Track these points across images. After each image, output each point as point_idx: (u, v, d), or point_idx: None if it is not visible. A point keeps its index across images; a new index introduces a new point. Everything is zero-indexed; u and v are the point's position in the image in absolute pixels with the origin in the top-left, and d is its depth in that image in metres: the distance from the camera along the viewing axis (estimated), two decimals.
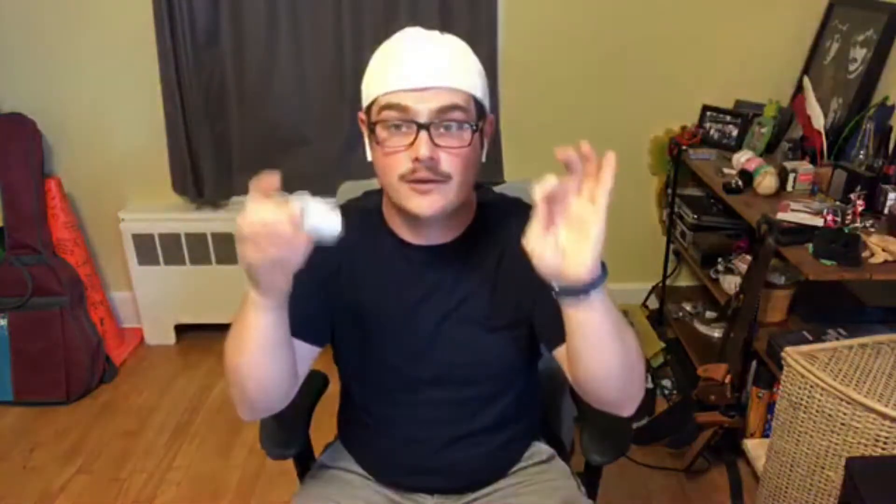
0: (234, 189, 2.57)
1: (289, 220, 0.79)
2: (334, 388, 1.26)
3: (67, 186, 2.54)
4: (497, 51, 2.38)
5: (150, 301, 2.67)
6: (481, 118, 0.97)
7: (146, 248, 2.57)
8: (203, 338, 2.76)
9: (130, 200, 2.62)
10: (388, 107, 0.92)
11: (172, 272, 2.60)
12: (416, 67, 0.91)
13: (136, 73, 2.43)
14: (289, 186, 0.83)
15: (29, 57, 2.43)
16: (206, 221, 2.54)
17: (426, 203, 0.94)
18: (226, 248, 2.55)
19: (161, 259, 2.58)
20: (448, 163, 0.93)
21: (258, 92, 2.44)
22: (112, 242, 2.66)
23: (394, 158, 0.93)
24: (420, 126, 0.91)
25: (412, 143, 0.91)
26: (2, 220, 2.39)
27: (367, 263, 1.07)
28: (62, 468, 2.11)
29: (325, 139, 2.49)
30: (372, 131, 0.96)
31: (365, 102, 0.98)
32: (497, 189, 1.26)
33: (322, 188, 2.92)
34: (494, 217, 1.07)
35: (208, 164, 2.48)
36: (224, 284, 2.60)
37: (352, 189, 1.34)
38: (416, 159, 0.91)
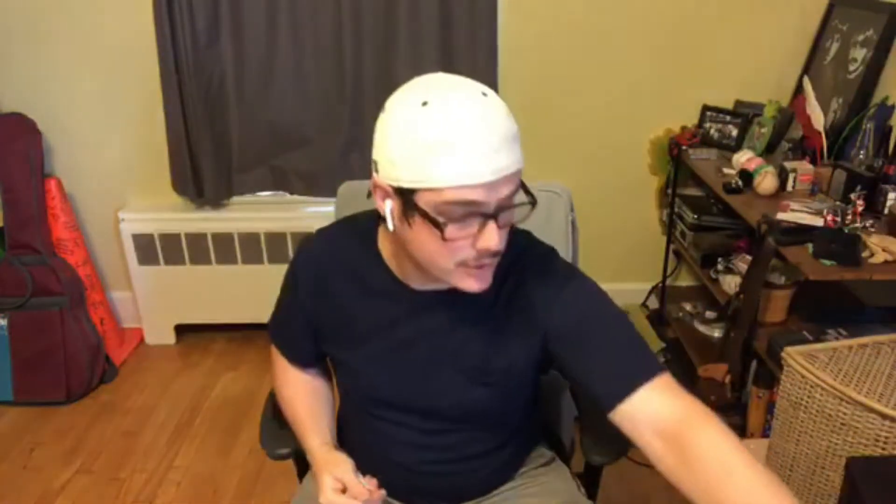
0: (234, 189, 2.57)
1: None
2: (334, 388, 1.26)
3: (67, 186, 2.54)
4: (497, 51, 2.38)
5: (150, 301, 2.67)
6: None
7: (146, 248, 2.57)
8: (203, 338, 2.77)
9: (130, 200, 2.62)
10: (457, 203, 0.82)
11: (172, 272, 2.60)
12: (486, 161, 0.81)
13: (136, 74, 2.43)
14: (289, 186, 0.84)
15: (29, 57, 2.43)
16: (206, 221, 2.54)
17: (484, 284, 0.90)
18: (226, 248, 2.55)
19: (161, 259, 2.58)
20: (504, 241, 0.88)
21: (258, 92, 2.44)
22: (112, 242, 2.66)
23: (454, 247, 0.86)
24: (488, 217, 0.84)
25: (478, 234, 0.85)
26: (2, 220, 2.39)
27: (356, 296, 1.04)
28: (62, 468, 2.11)
29: (325, 139, 2.49)
30: (411, 213, 0.85)
31: (402, 181, 0.83)
32: None
33: (322, 188, 2.93)
34: (503, 260, 0.97)
35: (208, 164, 2.48)
36: (224, 284, 2.60)
37: (352, 189, 1.35)
38: (486, 250, 0.85)
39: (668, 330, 2.54)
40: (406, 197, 0.84)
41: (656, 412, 0.88)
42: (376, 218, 1.02)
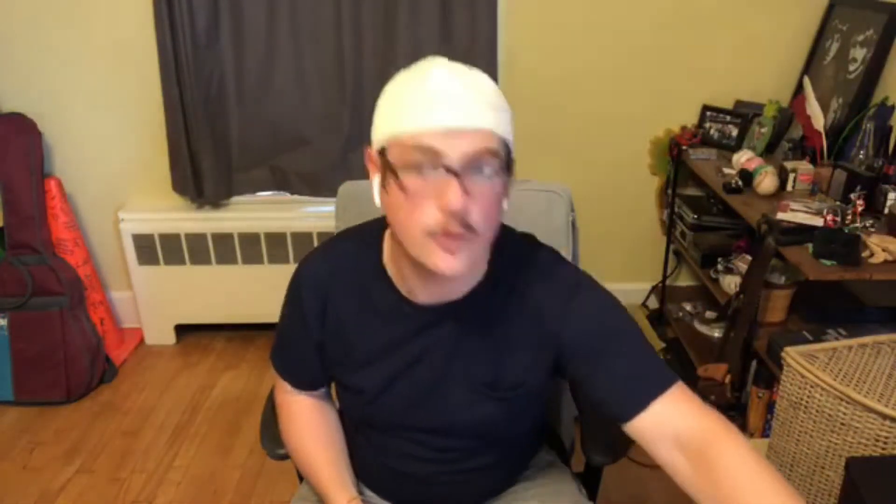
0: (234, 189, 2.57)
1: None
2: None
3: (67, 186, 2.54)
4: (497, 52, 2.38)
5: (150, 301, 2.67)
6: (511, 162, 0.87)
7: (146, 248, 2.57)
8: (203, 338, 2.77)
9: (130, 200, 2.62)
10: (416, 148, 0.80)
11: (172, 272, 2.60)
12: (448, 106, 0.80)
13: (136, 73, 2.43)
14: (289, 186, 0.84)
15: (29, 57, 2.43)
16: (206, 221, 2.54)
17: (453, 263, 0.83)
18: (226, 248, 2.55)
19: (161, 259, 2.58)
20: (478, 214, 0.81)
21: (258, 92, 2.44)
22: (112, 242, 2.66)
23: (418, 208, 0.81)
24: (451, 173, 0.79)
25: (441, 192, 0.79)
26: (2, 220, 2.39)
27: (359, 315, 1.01)
28: (62, 468, 2.11)
29: (325, 139, 2.49)
30: (388, 174, 0.84)
31: (379, 141, 0.85)
32: None
33: (322, 188, 2.93)
34: (509, 271, 0.97)
35: (208, 164, 2.47)
36: (224, 284, 2.60)
37: (352, 189, 1.34)
38: (447, 210, 0.79)
39: (668, 330, 2.54)
40: (383, 159, 0.85)
41: (675, 424, 0.86)
42: (381, 228, 1.01)
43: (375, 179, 0.88)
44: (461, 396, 0.99)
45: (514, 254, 0.99)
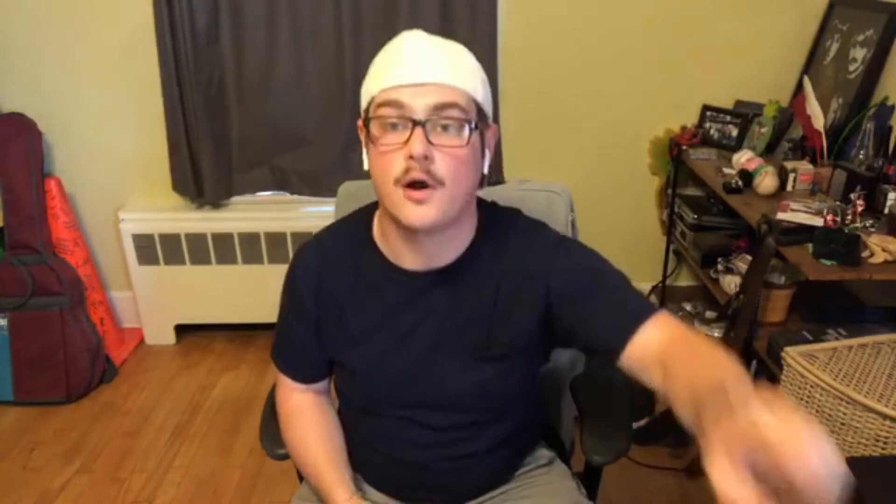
0: (234, 189, 2.57)
1: None
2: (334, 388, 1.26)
3: (67, 186, 2.54)
4: (497, 51, 2.38)
5: (150, 301, 2.67)
6: (482, 122, 0.93)
7: (146, 248, 2.57)
8: (203, 338, 2.77)
9: (130, 200, 2.62)
10: (384, 104, 0.88)
11: (172, 272, 2.60)
12: (414, 63, 0.88)
13: (136, 73, 2.43)
14: (289, 186, 0.85)
15: (29, 57, 2.43)
16: (206, 221, 2.54)
17: (420, 213, 0.89)
18: (226, 248, 2.55)
19: (161, 259, 2.58)
20: (443, 164, 0.88)
21: (258, 92, 2.44)
22: (112, 242, 2.66)
23: (388, 159, 0.88)
24: (416, 123, 0.86)
25: (406, 141, 0.87)
26: (2, 220, 2.39)
27: (353, 290, 1.04)
28: (62, 468, 2.11)
29: (325, 139, 2.49)
30: (367, 136, 0.92)
31: (363, 106, 0.94)
32: (497, 190, 1.26)
33: (322, 188, 2.93)
34: (494, 236, 1.02)
35: (208, 164, 2.48)
36: (224, 284, 2.60)
37: (352, 189, 1.34)
38: (410, 157, 0.86)
39: None
40: (365, 119, 0.92)
41: (656, 345, 0.88)
42: (372, 208, 1.06)
43: (364, 146, 0.95)
44: (456, 361, 1.02)
45: (499, 221, 1.04)
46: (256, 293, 2.56)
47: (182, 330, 2.76)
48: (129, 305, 2.75)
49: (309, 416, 1.14)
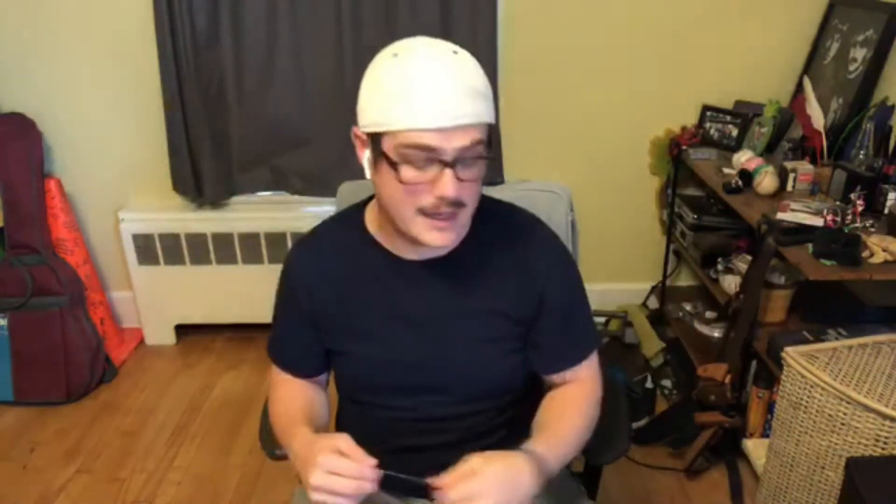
0: (234, 189, 2.57)
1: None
2: (333, 388, 1.26)
3: (67, 186, 2.54)
4: (497, 51, 2.38)
5: (150, 301, 2.67)
6: (491, 140, 0.96)
7: (146, 248, 2.57)
8: (203, 338, 2.77)
9: (130, 200, 2.62)
10: (413, 146, 0.87)
11: (172, 272, 2.60)
12: (438, 104, 0.86)
13: (136, 73, 2.43)
14: (289, 186, 0.85)
15: (29, 57, 2.43)
16: (206, 221, 2.54)
17: (445, 237, 0.94)
18: (226, 248, 2.55)
19: (161, 259, 2.58)
20: (466, 192, 0.92)
21: (258, 92, 2.44)
22: (112, 242, 2.66)
23: (412, 190, 0.90)
24: (446, 164, 0.88)
25: (435, 180, 0.89)
26: (2, 220, 2.39)
27: (353, 282, 1.06)
28: (62, 468, 2.11)
29: (325, 139, 2.49)
30: (382, 162, 0.91)
31: (368, 125, 0.92)
32: (497, 189, 1.26)
33: (322, 188, 2.92)
34: (488, 228, 1.06)
35: (208, 164, 2.48)
36: (224, 284, 2.60)
37: (352, 189, 1.35)
38: (442, 197, 0.89)
39: (668, 330, 2.54)
40: (374, 142, 0.91)
41: (558, 385, 1.09)
42: (362, 204, 1.09)
43: (365, 156, 0.95)
44: (456, 346, 1.05)
45: (494, 211, 1.08)
46: (256, 293, 2.55)
47: (182, 330, 2.76)
48: (129, 305, 2.75)
49: (297, 390, 1.14)
